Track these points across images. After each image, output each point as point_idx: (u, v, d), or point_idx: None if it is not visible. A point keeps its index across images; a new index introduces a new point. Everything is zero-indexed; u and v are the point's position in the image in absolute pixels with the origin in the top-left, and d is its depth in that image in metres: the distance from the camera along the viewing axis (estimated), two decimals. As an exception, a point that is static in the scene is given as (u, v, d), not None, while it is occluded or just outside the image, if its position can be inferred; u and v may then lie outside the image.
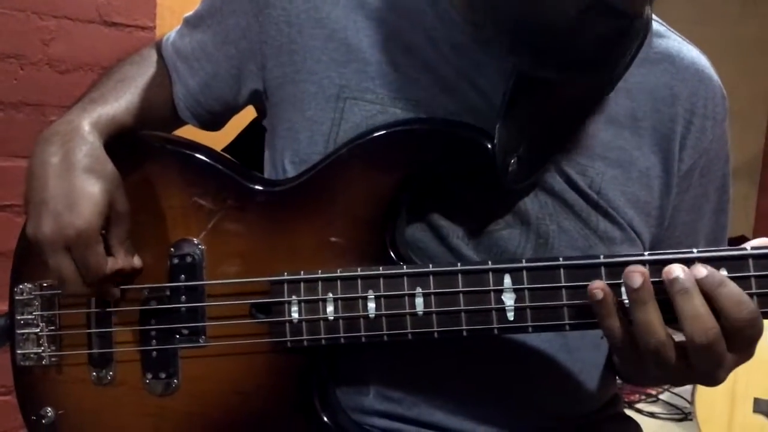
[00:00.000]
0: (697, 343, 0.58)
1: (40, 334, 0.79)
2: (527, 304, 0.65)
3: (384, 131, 0.72)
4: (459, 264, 0.67)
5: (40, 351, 0.79)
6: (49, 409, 0.80)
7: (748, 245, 0.61)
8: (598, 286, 0.60)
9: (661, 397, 2.57)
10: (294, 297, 0.71)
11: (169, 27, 0.94)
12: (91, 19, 1.87)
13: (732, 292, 0.58)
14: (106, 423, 0.79)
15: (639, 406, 2.53)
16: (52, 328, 0.79)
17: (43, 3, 1.81)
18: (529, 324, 0.65)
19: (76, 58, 1.86)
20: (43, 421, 0.80)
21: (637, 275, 0.59)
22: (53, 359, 0.79)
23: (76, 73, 1.86)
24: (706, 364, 0.59)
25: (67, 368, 0.79)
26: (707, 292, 0.58)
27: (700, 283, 0.58)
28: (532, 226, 0.73)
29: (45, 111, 1.83)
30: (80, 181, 0.70)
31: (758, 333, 0.59)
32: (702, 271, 0.58)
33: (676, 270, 0.58)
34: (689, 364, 0.59)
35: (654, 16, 0.76)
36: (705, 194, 0.79)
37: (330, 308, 0.69)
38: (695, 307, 0.57)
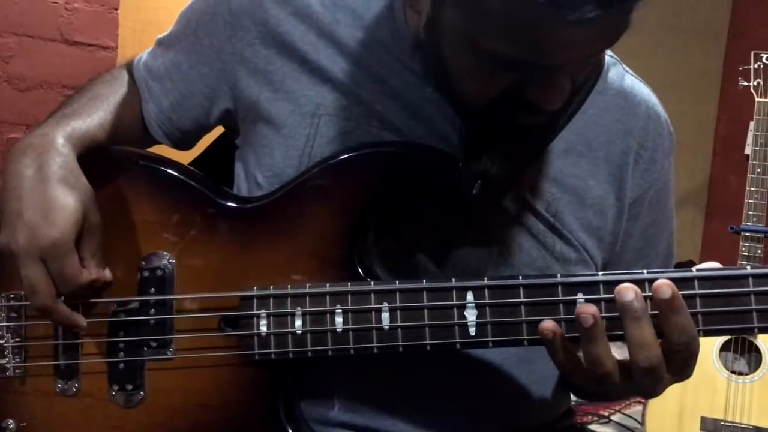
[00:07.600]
0: (641, 366, 0.62)
1: (5, 345, 0.79)
2: (488, 320, 0.68)
3: (353, 153, 0.74)
4: (424, 281, 0.70)
5: (5, 362, 0.79)
6: (11, 421, 0.79)
7: (694, 268, 0.65)
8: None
9: (612, 418, 2.63)
10: (263, 311, 0.72)
11: (130, 47, 0.95)
12: (52, 37, 1.85)
13: (682, 321, 0.61)
14: (69, 435, 0.78)
15: (591, 427, 2.58)
16: (18, 339, 0.79)
17: (4, 20, 1.79)
18: (490, 339, 0.68)
19: (36, 76, 1.84)
20: (4, 434, 0.79)
21: (589, 317, 0.61)
22: (17, 371, 0.79)
23: (35, 90, 1.84)
24: (647, 382, 0.64)
25: (31, 379, 0.79)
26: (660, 314, 0.61)
27: (658, 303, 0.61)
28: (494, 245, 0.76)
29: (2, 128, 1.81)
30: (55, 193, 0.70)
31: (692, 355, 0.63)
32: (666, 291, 0.60)
33: (629, 294, 0.61)
34: (632, 382, 0.64)
35: (608, 51, 0.81)
36: (656, 223, 0.84)
37: (298, 322, 0.71)
38: (643, 334, 0.61)
